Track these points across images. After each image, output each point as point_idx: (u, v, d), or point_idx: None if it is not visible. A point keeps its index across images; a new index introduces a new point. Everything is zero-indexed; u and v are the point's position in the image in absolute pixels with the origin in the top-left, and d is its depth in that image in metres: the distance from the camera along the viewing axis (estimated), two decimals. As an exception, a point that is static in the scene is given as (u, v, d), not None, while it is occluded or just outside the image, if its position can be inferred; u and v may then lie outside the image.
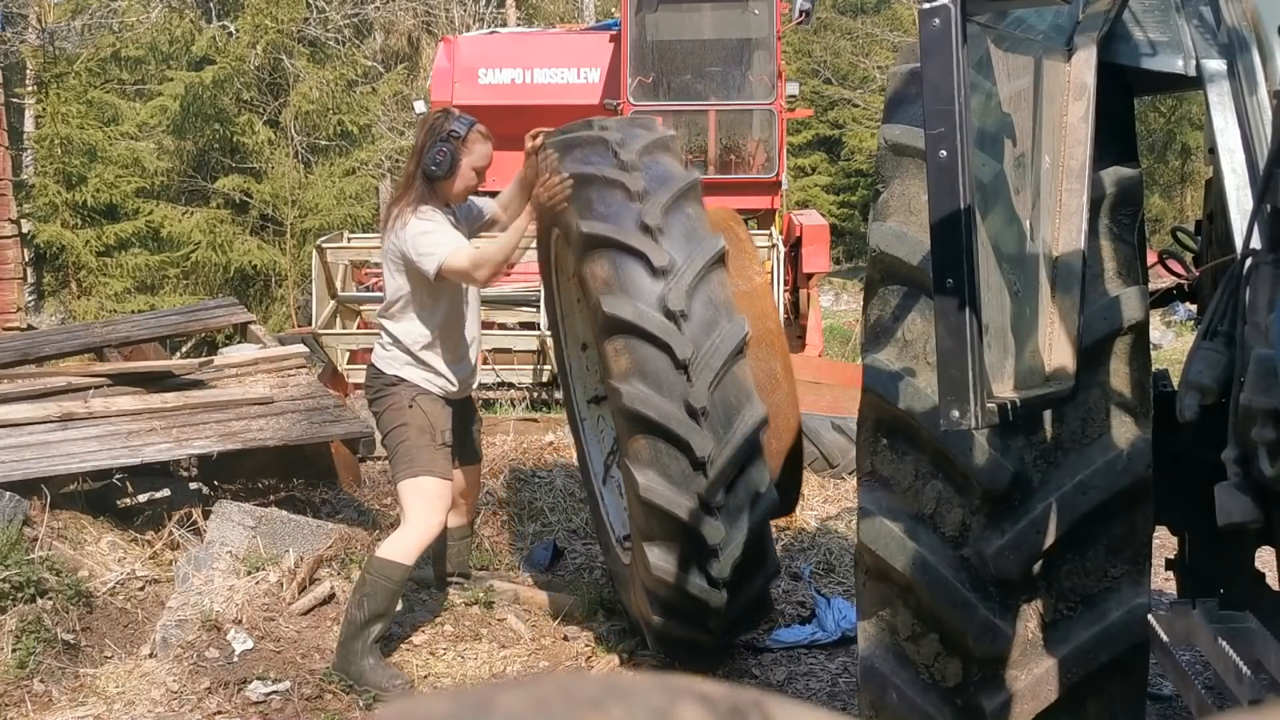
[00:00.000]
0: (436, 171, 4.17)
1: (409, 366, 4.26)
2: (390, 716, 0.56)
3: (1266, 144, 2.25)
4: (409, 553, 4.16)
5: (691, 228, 3.99)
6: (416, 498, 4.18)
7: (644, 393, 3.80)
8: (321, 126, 18.18)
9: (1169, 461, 2.63)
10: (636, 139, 4.17)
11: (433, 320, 4.28)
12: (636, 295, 3.84)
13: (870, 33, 25.99)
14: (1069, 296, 2.23)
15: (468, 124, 4.23)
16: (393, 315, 4.30)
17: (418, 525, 4.17)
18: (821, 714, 0.61)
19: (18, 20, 18.58)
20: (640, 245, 3.88)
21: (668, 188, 4.02)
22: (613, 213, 3.94)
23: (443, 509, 4.24)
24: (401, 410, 4.23)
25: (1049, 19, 2.40)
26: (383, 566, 4.13)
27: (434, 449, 4.20)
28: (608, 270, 3.90)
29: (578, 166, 4.07)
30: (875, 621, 2.48)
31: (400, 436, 4.22)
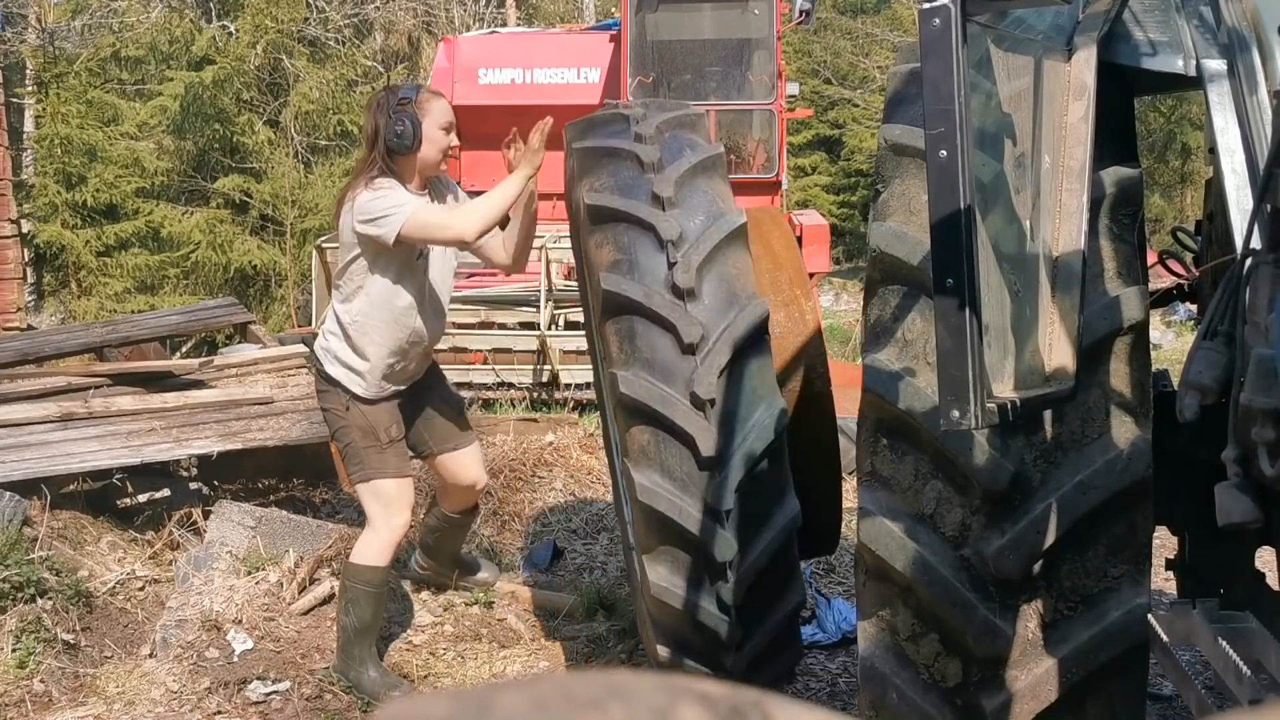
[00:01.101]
0: (402, 143, 3.87)
1: (338, 365, 4.00)
2: (390, 716, 0.56)
3: (1266, 144, 2.25)
4: (380, 554, 4.07)
5: (709, 201, 3.60)
6: (372, 501, 4.06)
7: (644, 379, 3.36)
8: (321, 126, 18.17)
9: (1169, 461, 2.63)
10: (657, 115, 3.86)
11: (379, 298, 3.96)
12: (641, 272, 3.46)
13: (870, 33, 25.98)
14: (1069, 296, 2.23)
15: (413, 89, 4.00)
16: (339, 288, 4.07)
17: (380, 529, 4.05)
18: (821, 714, 0.61)
19: (18, 20, 18.57)
20: (648, 217, 3.50)
21: (685, 160, 3.66)
22: (622, 185, 3.61)
23: (404, 507, 4.09)
24: (339, 413, 4.04)
25: (1049, 19, 2.40)
26: (357, 573, 4.06)
27: (380, 450, 4.01)
28: (612, 244, 3.54)
29: (590, 142, 3.79)
30: (875, 621, 2.48)
31: (344, 439, 4.05)
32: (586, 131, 3.84)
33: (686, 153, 3.70)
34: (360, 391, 4.00)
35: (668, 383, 3.36)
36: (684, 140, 3.77)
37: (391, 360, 4.01)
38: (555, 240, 9.04)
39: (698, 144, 3.76)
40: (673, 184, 3.56)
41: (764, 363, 3.45)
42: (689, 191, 3.60)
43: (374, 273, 3.94)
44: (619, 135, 3.75)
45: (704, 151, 3.71)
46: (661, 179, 3.58)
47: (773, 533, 3.35)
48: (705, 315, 3.40)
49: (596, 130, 3.82)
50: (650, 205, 3.53)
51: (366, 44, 20.20)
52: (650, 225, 3.49)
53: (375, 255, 3.91)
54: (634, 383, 3.36)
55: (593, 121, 3.87)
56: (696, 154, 3.69)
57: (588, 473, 6.57)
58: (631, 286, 3.43)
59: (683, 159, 3.66)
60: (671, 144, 3.71)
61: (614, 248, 3.53)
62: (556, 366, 9.15)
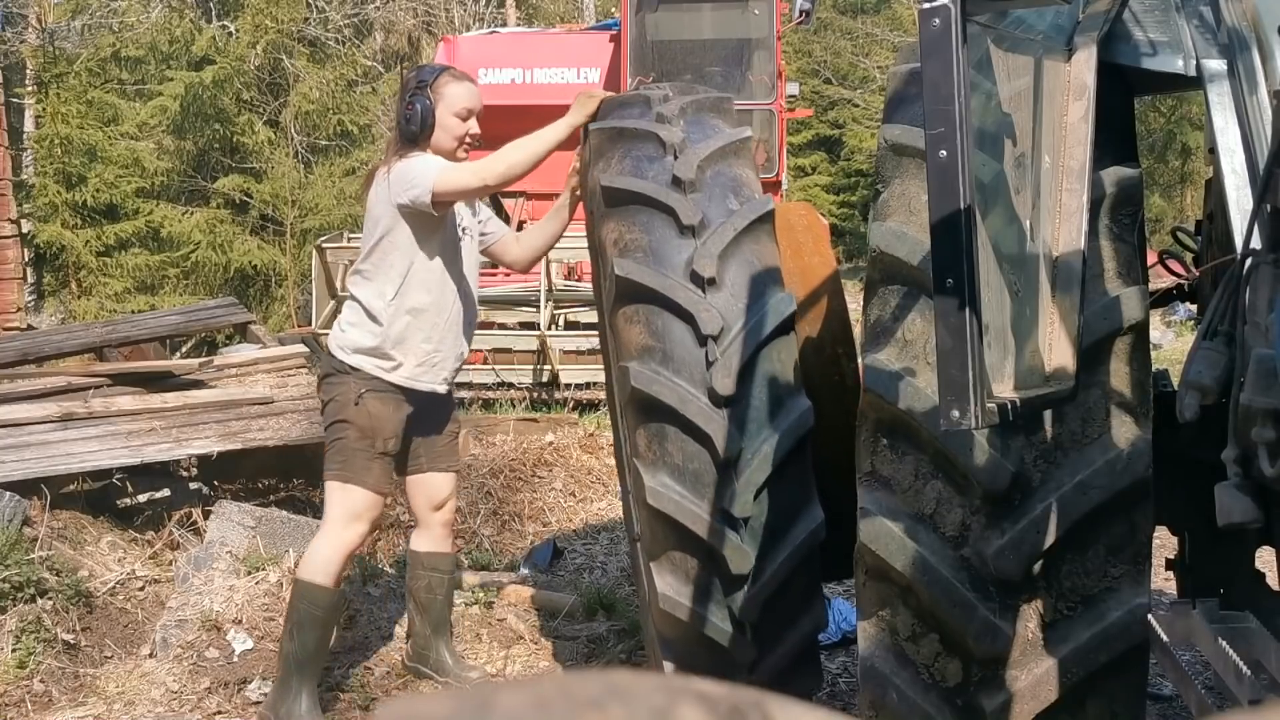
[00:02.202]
0: (410, 127, 3.71)
1: (362, 355, 3.71)
2: (390, 716, 0.56)
3: (1266, 144, 2.25)
4: (328, 568, 3.71)
5: (735, 187, 3.37)
6: (340, 507, 3.73)
7: (658, 373, 3.11)
8: (321, 126, 18.19)
9: (1169, 461, 2.63)
10: (681, 97, 3.64)
11: (417, 281, 3.72)
12: (658, 258, 3.22)
13: (870, 33, 25.99)
14: (1069, 296, 2.23)
15: (436, 70, 3.81)
16: (365, 274, 3.77)
17: (332, 537, 3.72)
18: (821, 714, 0.61)
19: (18, 20, 18.57)
20: (667, 199, 3.27)
21: (709, 142, 3.43)
22: (640, 166, 3.38)
23: (365, 523, 3.77)
24: (346, 406, 3.71)
25: (1049, 19, 2.40)
26: (306, 591, 3.71)
27: (370, 457, 3.70)
28: (627, 228, 3.30)
29: (609, 123, 3.57)
30: (875, 621, 2.47)
31: (337, 433, 3.73)
32: (606, 112, 3.66)
33: (711, 135, 3.48)
34: (391, 378, 3.71)
35: (684, 377, 3.11)
36: (708, 123, 3.55)
37: (431, 348, 3.77)
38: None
39: (722, 128, 3.54)
40: (695, 166, 3.34)
41: (788, 359, 3.21)
42: (712, 175, 3.37)
43: (418, 251, 3.70)
44: (640, 116, 3.55)
45: (729, 135, 3.49)
46: (683, 161, 3.36)
47: (794, 544, 3.07)
48: (726, 306, 3.16)
49: (616, 111, 3.63)
50: (670, 188, 3.31)
51: (366, 44, 20.21)
52: (670, 209, 3.27)
53: (419, 231, 3.69)
54: (647, 376, 3.11)
55: (612, 103, 3.69)
56: (721, 137, 3.47)
57: (588, 473, 6.57)
58: (647, 273, 3.19)
59: (707, 141, 3.43)
60: (695, 126, 3.50)
61: (630, 232, 3.30)
62: (556, 366, 9.16)
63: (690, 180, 3.30)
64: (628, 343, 3.19)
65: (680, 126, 3.46)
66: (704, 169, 3.35)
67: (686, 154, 3.37)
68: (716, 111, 3.62)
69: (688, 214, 3.24)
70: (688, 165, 3.33)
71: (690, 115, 3.53)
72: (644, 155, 3.41)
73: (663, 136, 3.41)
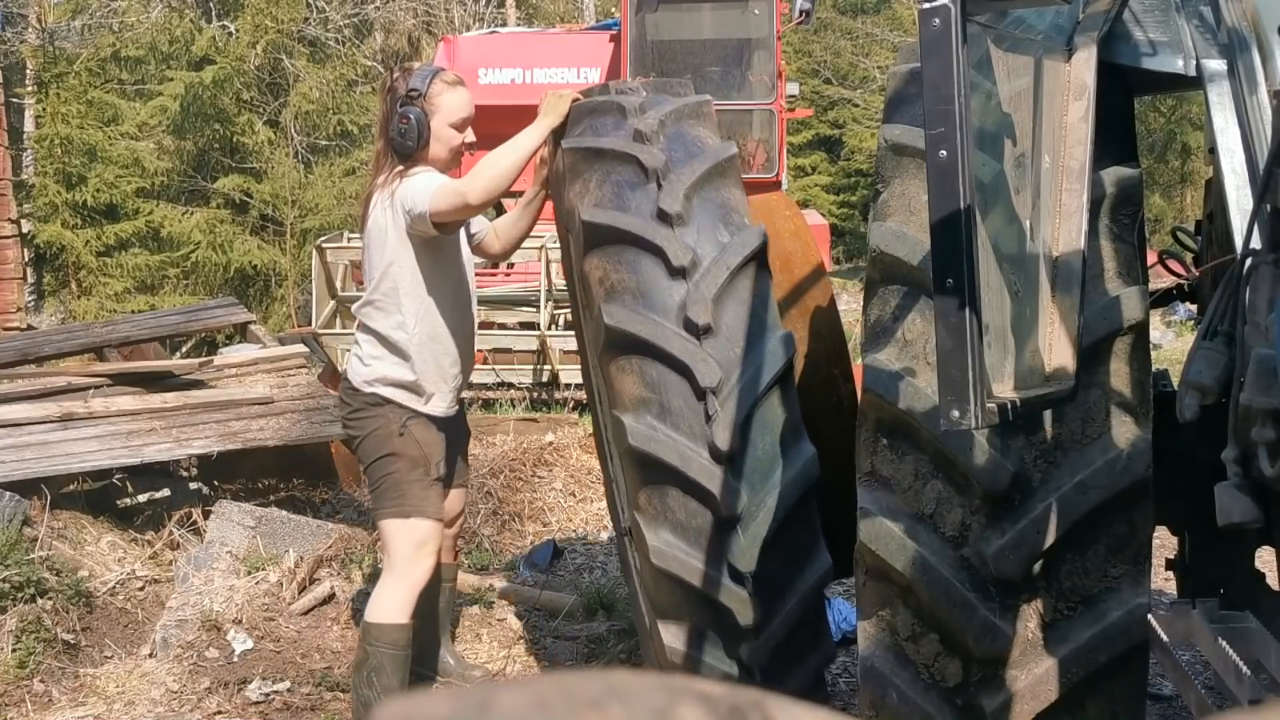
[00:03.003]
0: (405, 143, 3.47)
1: (393, 387, 3.54)
2: (390, 716, 0.56)
3: (1266, 144, 2.25)
4: (403, 608, 3.55)
5: (724, 215, 3.13)
6: (405, 542, 3.54)
7: (656, 429, 2.96)
8: (321, 126, 18.19)
9: (1169, 461, 2.63)
10: (659, 105, 3.35)
11: (432, 304, 3.55)
12: (649, 303, 3.02)
13: (870, 33, 25.99)
14: (1069, 296, 2.23)
15: (427, 75, 3.54)
16: (378, 305, 3.56)
17: (405, 577, 3.55)
18: (821, 714, 0.61)
19: (18, 20, 18.58)
20: (655, 238, 3.04)
21: (694, 164, 3.16)
22: (622, 197, 3.14)
23: (432, 553, 3.61)
24: (389, 438, 3.52)
25: (1049, 19, 2.40)
26: (382, 633, 3.52)
27: (426, 485, 3.54)
28: (614, 270, 3.10)
29: (583, 140, 3.32)
30: (875, 621, 2.48)
31: (386, 468, 3.54)
32: (577, 119, 3.43)
33: (695, 155, 3.21)
34: (426, 410, 3.55)
35: (683, 433, 2.96)
36: (690, 138, 3.28)
37: (458, 368, 3.64)
38: (555, 240, 9.04)
39: (705, 143, 3.27)
40: (681, 197, 3.10)
41: (790, 404, 3.05)
42: (700, 203, 3.13)
43: (433, 273, 3.52)
44: (615, 129, 3.29)
45: (715, 153, 3.23)
46: (668, 191, 3.11)
47: (802, 592, 2.99)
48: (723, 354, 2.98)
49: (588, 121, 3.38)
50: (657, 222, 3.08)
51: (366, 44, 20.21)
52: (658, 248, 3.04)
53: (428, 253, 3.51)
54: (645, 433, 2.96)
55: (583, 109, 3.44)
56: (707, 157, 3.21)
57: (588, 473, 6.57)
58: (638, 321, 3.00)
59: (692, 164, 3.17)
60: (676, 143, 3.23)
61: (616, 272, 3.09)
62: (556, 366, 9.16)
63: (677, 214, 3.08)
64: (622, 393, 3.05)
65: (661, 145, 3.22)
66: (690, 197, 3.13)
67: (671, 181, 3.12)
68: (697, 118, 3.37)
69: (677, 254, 3.04)
70: (673, 196, 3.10)
71: (670, 128, 3.28)
72: (624, 182, 3.17)
73: (644, 161, 3.16)
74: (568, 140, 3.35)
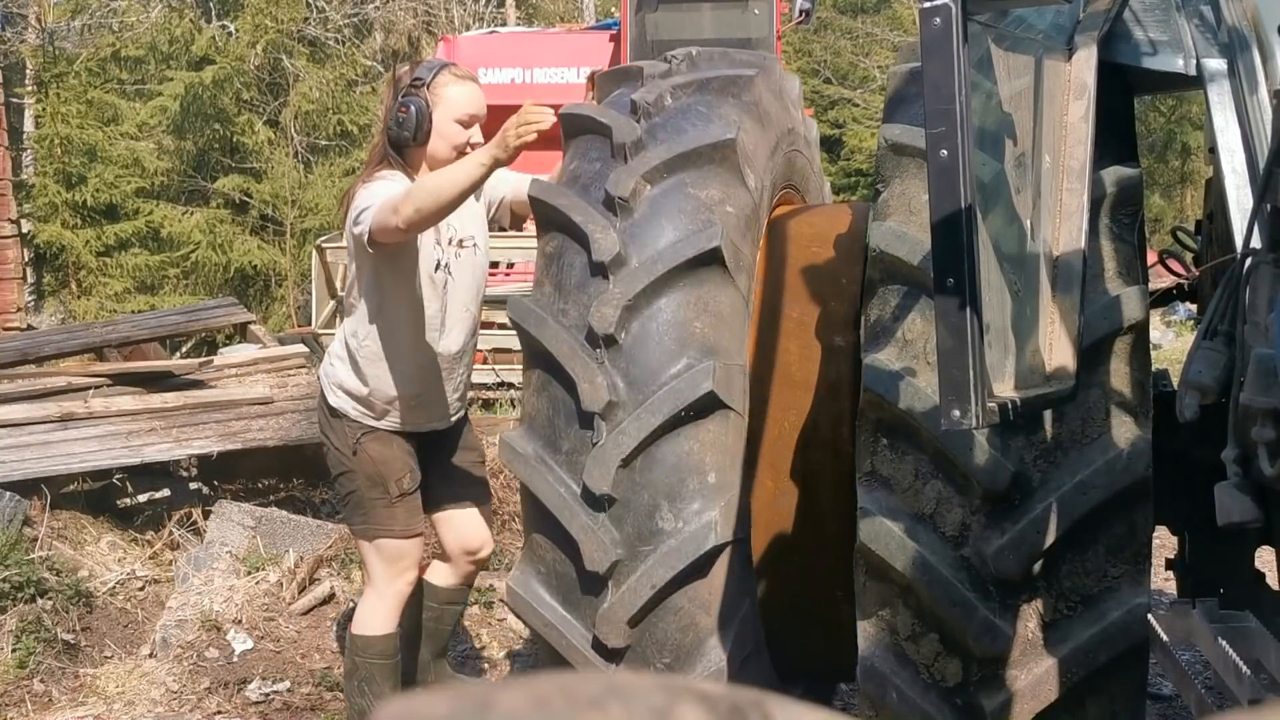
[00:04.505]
0: (401, 133, 3.20)
1: (346, 396, 3.31)
2: (390, 716, 0.56)
3: (1266, 144, 2.25)
4: (386, 620, 3.43)
5: (689, 210, 2.64)
6: (374, 559, 3.40)
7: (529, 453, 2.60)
8: (321, 126, 18.19)
9: (1169, 461, 2.63)
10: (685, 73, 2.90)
11: (386, 316, 3.25)
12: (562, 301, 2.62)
13: (870, 33, 25.99)
14: (1069, 296, 2.23)
15: (435, 67, 3.28)
16: (348, 307, 3.38)
17: (384, 594, 3.41)
18: (821, 714, 0.61)
19: (18, 20, 18.57)
20: (585, 224, 2.59)
21: (671, 144, 2.69)
22: (583, 174, 2.74)
23: (409, 567, 3.43)
24: (345, 455, 3.33)
25: (1049, 18, 2.40)
26: (368, 645, 3.42)
27: (388, 504, 3.32)
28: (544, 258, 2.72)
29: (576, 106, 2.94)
30: (875, 621, 2.47)
31: (347, 486, 3.36)
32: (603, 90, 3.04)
33: (680, 134, 2.73)
34: (378, 425, 3.32)
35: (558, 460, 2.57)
36: (695, 115, 2.78)
37: (416, 390, 3.34)
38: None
39: (708, 124, 2.75)
40: (638, 178, 2.63)
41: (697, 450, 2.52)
42: (661, 193, 2.66)
43: (385, 289, 3.24)
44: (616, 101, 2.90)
45: (700, 136, 2.71)
46: (625, 170, 2.66)
47: None
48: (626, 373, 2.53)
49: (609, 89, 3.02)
50: (599, 207, 2.65)
51: (366, 44, 20.21)
52: (584, 236, 2.60)
53: (380, 267, 3.22)
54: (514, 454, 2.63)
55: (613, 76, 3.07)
56: (689, 139, 2.70)
57: (588, 473, 6.56)
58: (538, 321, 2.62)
59: (670, 143, 2.69)
60: (676, 119, 2.76)
61: (544, 263, 2.72)
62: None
63: (622, 199, 2.61)
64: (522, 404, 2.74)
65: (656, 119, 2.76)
66: (653, 182, 2.66)
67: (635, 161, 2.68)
68: (725, 94, 2.85)
69: (603, 245, 2.57)
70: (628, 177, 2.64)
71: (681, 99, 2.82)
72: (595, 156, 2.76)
73: (614, 135, 2.71)
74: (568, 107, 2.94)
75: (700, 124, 2.77)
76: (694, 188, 2.69)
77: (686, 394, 2.51)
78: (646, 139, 2.72)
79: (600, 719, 0.55)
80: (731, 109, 2.82)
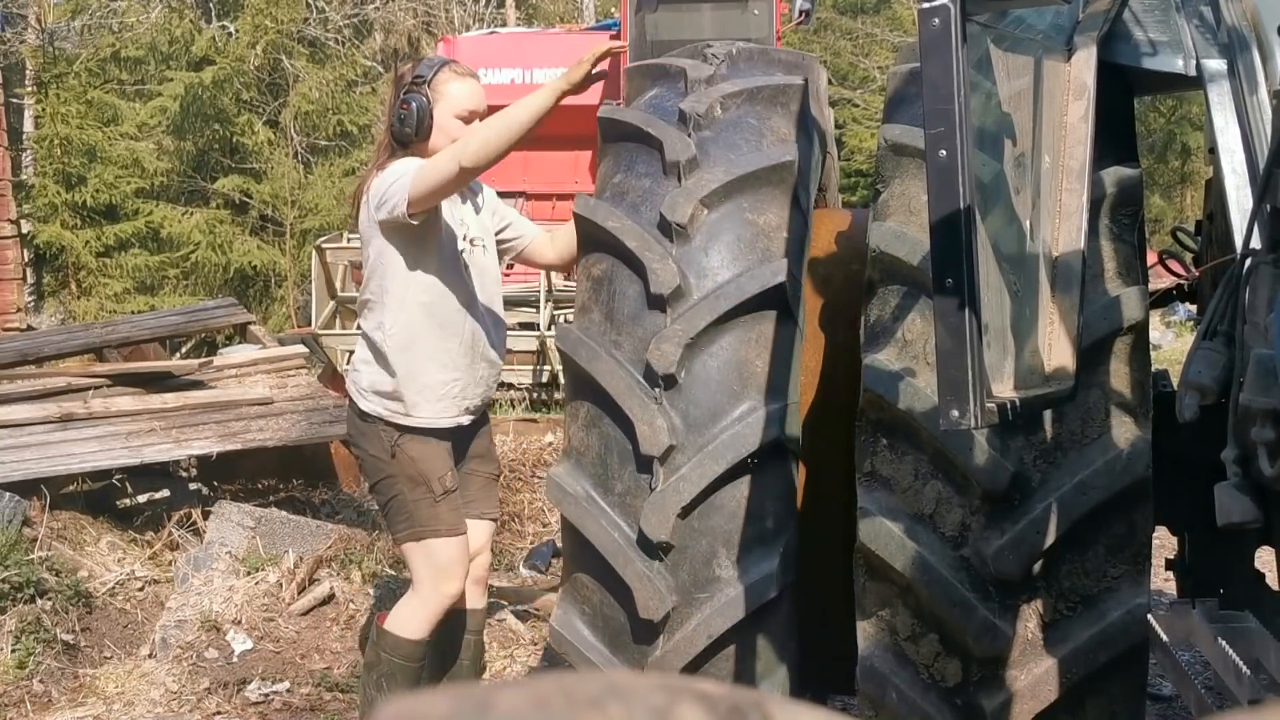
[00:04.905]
0: (404, 129, 3.26)
1: (378, 398, 3.31)
2: (390, 716, 0.56)
3: (1266, 144, 2.25)
4: (421, 626, 3.36)
5: (748, 239, 2.53)
6: (423, 563, 3.34)
7: (579, 492, 2.51)
8: (321, 126, 18.18)
9: (1169, 461, 2.63)
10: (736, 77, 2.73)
11: (414, 310, 3.28)
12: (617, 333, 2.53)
13: (870, 33, 25.99)
14: (1069, 296, 2.23)
15: (435, 64, 3.33)
16: (369, 304, 3.37)
17: (428, 599, 3.34)
18: (821, 714, 0.61)
19: (18, 20, 18.57)
20: (641, 251, 2.49)
21: (731, 165, 2.55)
22: (630, 190, 2.62)
23: (459, 573, 3.36)
24: (383, 460, 3.33)
25: (1049, 19, 2.40)
26: (396, 645, 3.34)
27: (433, 502, 3.30)
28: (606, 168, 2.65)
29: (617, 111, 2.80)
30: (875, 621, 2.47)
31: (389, 491, 3.35)
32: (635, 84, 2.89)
33: (741, 152, 2.60)
34: (411, 422, 3.30)
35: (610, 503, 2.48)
36: (748, 130, 2.65)
37: (448, 378, 3.32)
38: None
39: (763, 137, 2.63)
40: (695, 203, 2.51)
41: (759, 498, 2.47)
42: (720, 218, 2.54)
43: (412, 272, 3.27)
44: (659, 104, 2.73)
45: (762, 157, 2.60)
46: (682, 193, 2.53)
47: None
48: (686, 416, 2.44)
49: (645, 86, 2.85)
50: (654, 233, 2.53)
51: (366, 44, 20.20)
52: (640, 265, 2.50)
53: (408, 249, 3.26)
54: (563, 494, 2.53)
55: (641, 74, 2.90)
56: (750, 160, 2.58)
57: (587, 473, 6.56)
58: (591, 354, 2.51)
59: (729, 163, 2.56)
60: (728, 133, 2.61)
61: (591, 287, 2.60)
62: (556, 366, 9.17)
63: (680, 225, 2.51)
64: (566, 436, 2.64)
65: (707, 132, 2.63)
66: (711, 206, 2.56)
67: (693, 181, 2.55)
68: (775, 105, 2.73)
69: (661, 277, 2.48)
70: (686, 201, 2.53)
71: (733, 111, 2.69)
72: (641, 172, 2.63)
73: (666, 150, 2.59)
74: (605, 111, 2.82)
75: (754, 140, 2.66)
76: (751, 213, 2.59)
77: (750, 440, 2.44)
78: (701, 158, 2.60)
79: (600, 719, 0.55)
80: (782, 122, 2.72)
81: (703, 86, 2.74)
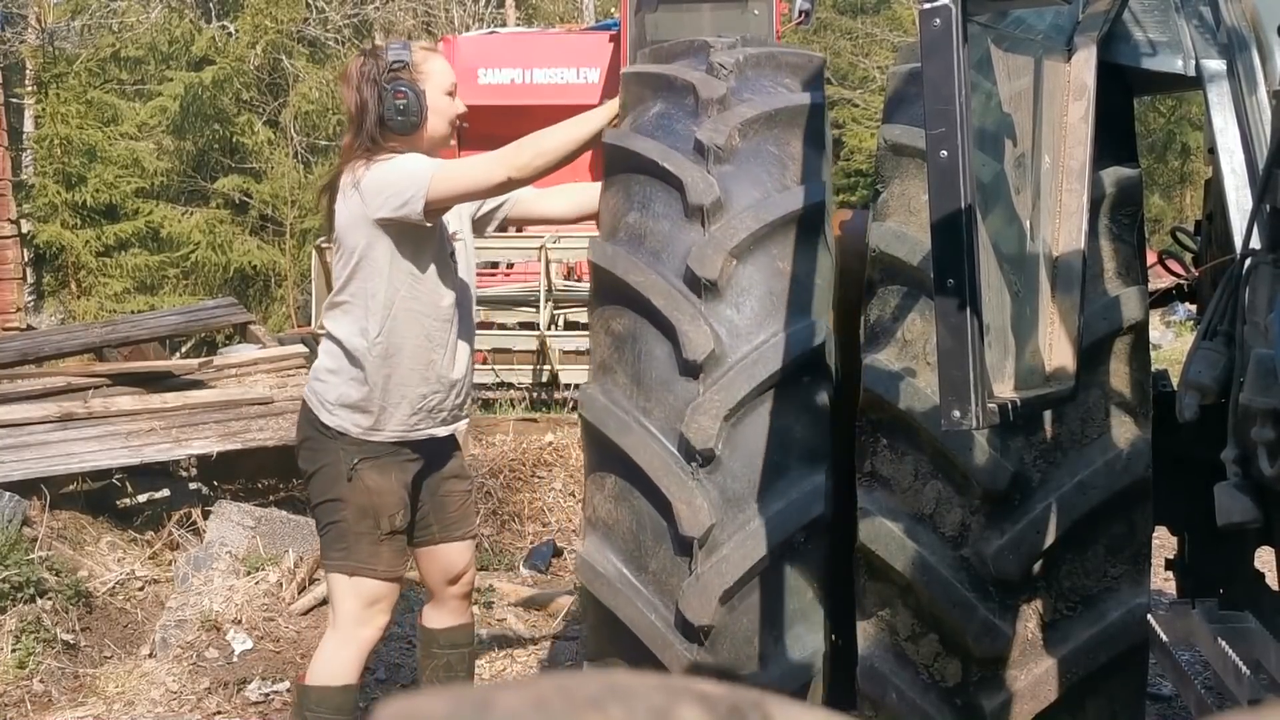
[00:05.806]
0: (408, 120, 3.05)
1: (345, 411, 3.03)
2: (390, 716, 0.56)
3: (1266, 144, 2.25)
4: (347, 670, 3.08)
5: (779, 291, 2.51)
6: (349, 599, 3.06)
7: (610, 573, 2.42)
8: (321, 126, 18.19)
9: (1169, 461, 2.63)
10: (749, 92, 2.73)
11: (405, 309, 3.03)
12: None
13: (870, 33, 25.98)
14: (1069, 296, 2.23)
15: (404, 48, 3.15)
16: (344, 306, 3.08)
17: (352, 638, 3.07)
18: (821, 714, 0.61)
19: (18, 20, 18.57)
20: (669, 311, 2.43)
21: (759, 211, 2.53)
22: (649, 234, 2.56)
23: (381, 616, 3.11)
24: (336, 481, 3.04)
25: (1049, 19, 2.40)
26: (323, 698, 3.05)
27: (375, 540, 3.04)
28: (618, 203, 2.60)
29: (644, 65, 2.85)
30: (875, 621, 2.47)
31: (332, 514, 3.06)
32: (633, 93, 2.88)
33: (767, 94, 2.66)
34: (378, 438, 3.05)
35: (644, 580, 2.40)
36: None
37: (427, 390, 3.09)
38: (555, 240, 9.05)
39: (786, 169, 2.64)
40: (724, 255, 2.46)
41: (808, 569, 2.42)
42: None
43: (402, 275, 3.03)
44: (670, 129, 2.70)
45: (789, 98, 2.66)
46: (719, 120, 2.57)
47: None
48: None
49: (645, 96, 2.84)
50: (681, 288, 2.47)
51: (366, 44, 20.21)
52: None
53: (401, 249, 3.02)
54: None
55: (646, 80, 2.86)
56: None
57: (587, 473, 6.56)
58: (621, 427, 2.44)
59: (755, 206, 2.53)
60: (749, 164, 2.60)
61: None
62: (556, 366, 9.17)
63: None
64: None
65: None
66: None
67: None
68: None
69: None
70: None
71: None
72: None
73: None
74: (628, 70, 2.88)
75: (776, 172, 2.61)
76: (782, 261, 2.54)
77: (797, 519, 2.40)
78: (724, 198, 2.53)
79: (600, 719, 0.55)
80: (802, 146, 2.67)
81: (715, 109, 2.66)
